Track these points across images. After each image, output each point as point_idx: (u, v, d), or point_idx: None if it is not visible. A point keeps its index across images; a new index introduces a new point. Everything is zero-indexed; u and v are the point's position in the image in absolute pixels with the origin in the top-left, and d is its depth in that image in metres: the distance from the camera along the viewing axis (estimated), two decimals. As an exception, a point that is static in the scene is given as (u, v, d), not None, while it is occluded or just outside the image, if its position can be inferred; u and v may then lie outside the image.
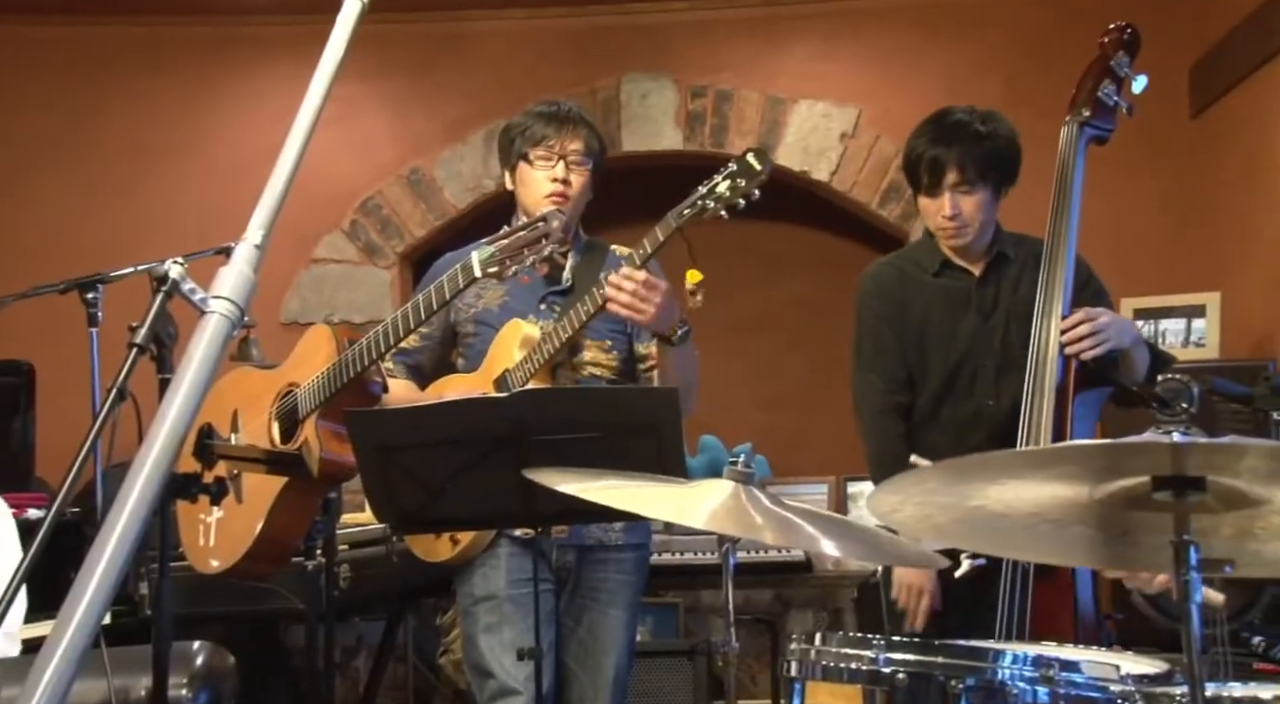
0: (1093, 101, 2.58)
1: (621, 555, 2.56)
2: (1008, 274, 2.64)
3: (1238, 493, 1.17)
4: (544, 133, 2.55)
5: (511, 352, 2.48)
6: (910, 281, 2.70)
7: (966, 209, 2.58)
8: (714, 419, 4.36)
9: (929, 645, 1.49)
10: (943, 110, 2.67)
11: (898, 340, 2.66)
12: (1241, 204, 4.03)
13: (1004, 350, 2.58)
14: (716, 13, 4.73)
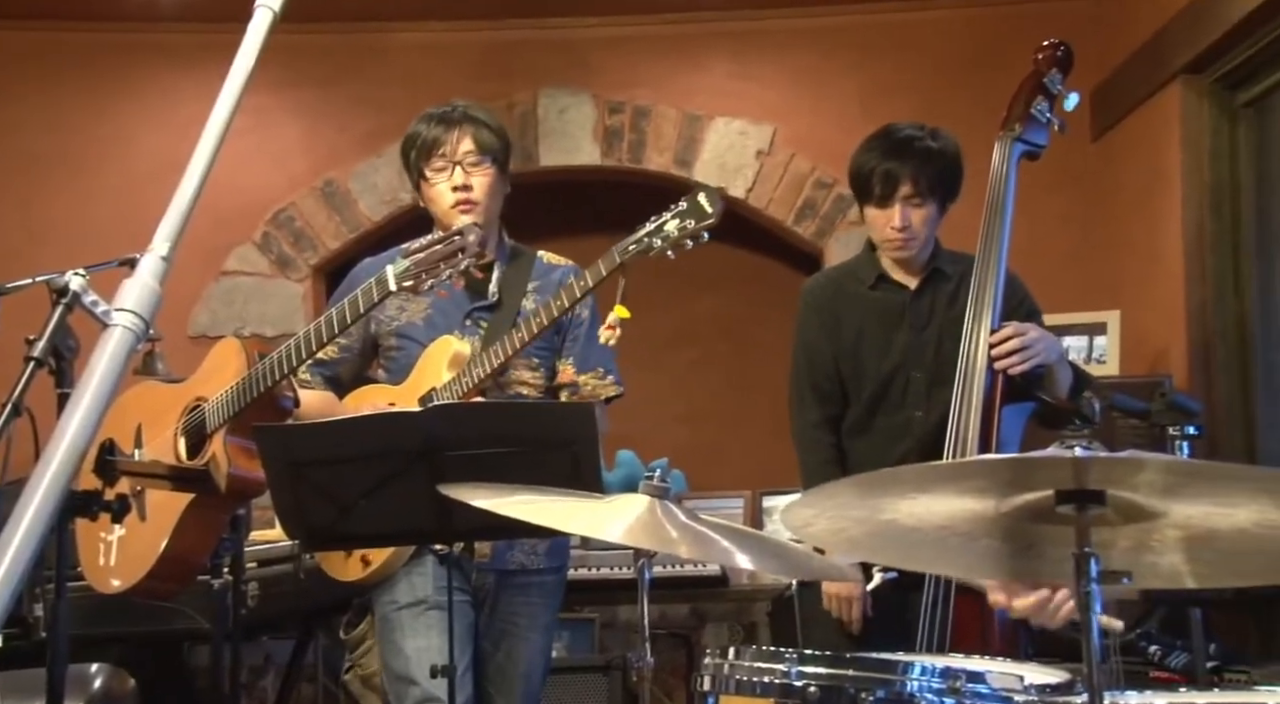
0: (1026, 117, 2.64)
1: (543, 579, 2.55)
2: (943, 289, 2.69)
3: (1135, 506, 1.20)
4: (433, 138, 2.49)
5: (440, 369, 2.44)
6: (846, 294, 2.74)
7: (915, 221, 2.63)
8: (632, 434, 4.36)
9: (840, 659, 1.50)
10: (890, 126, 2.72)
11: (832, 352, 2.70)
12: (1139, 225, 4.16)
13: (937, 364, 2.63)
14: (633, 29, 4.76)
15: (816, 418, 2.71)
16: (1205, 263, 3.80)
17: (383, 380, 2.59)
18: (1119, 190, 4.33)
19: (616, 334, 2.26)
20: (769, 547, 1.76)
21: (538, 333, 2.34)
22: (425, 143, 2.50)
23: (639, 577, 1.78)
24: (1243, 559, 1.26)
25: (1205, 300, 3.80)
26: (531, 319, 2.35)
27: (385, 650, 2.46)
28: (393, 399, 2.47)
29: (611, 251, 2.28)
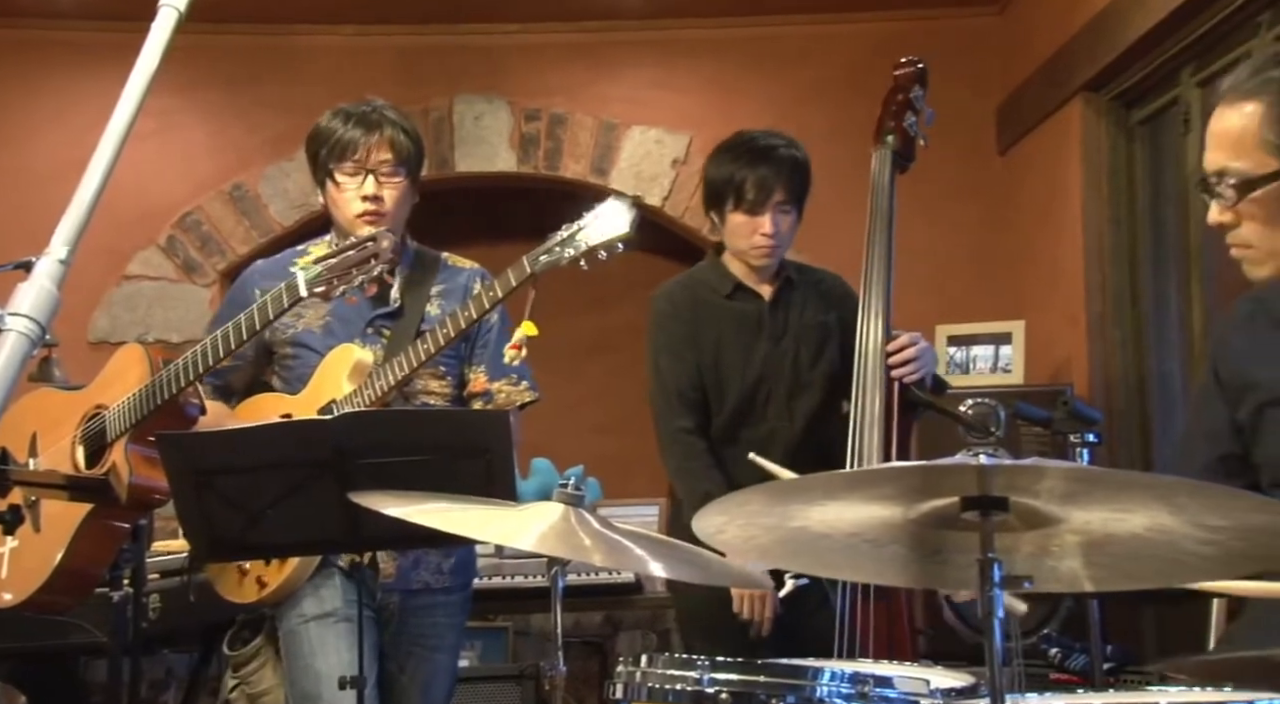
0: (901, 132, 2.71)
1: (450, 597, 2.49)
2: (795, 299, 2.74)
3: (1037, 512, 1.23)
4: (350, 140, 2.39)
5: (340, 380, 2.36)
6: (703, 304, 2.75)
7: (784, 228, 2.68)
8: (549, 442, 4.35)
9: (751, 665, 1.52)
10: (743, 134, 2.76)
11: (695, 361, 2.70)
12: (1042, 238, 4.27)
13: (794, 373, 2.67)
14: (550, 36, 4.75)
15: (688, 424, 2.69)
16: (1104, 274, 3.92)
17: (278, 389, 2.50)
18: (1024, 203, 4.44)
19: (522, 354, 2.19)
20: (682, 554, 1.76)
21: (444, 345, 2.27)
22: (340, 143, 2.40)
23: (552, 585, 1.78)
24: (1137, 563, 1.30)
25: (1104, 311, 3.92)
26: (438, 330, 2.27)
27: (291, 667, 2.36)
28: (290, 410, 2.38)
29: (522, 261, 2.21)
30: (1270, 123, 1.57)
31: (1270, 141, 1.57)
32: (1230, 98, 1.61)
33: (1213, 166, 1.62)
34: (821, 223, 2.92)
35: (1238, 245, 1.64)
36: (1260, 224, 1.60)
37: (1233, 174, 1.58)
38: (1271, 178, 1.56)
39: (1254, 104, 1.58)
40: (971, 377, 4.05)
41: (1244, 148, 1.58)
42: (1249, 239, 1.62)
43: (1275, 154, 1.57)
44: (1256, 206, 1.58)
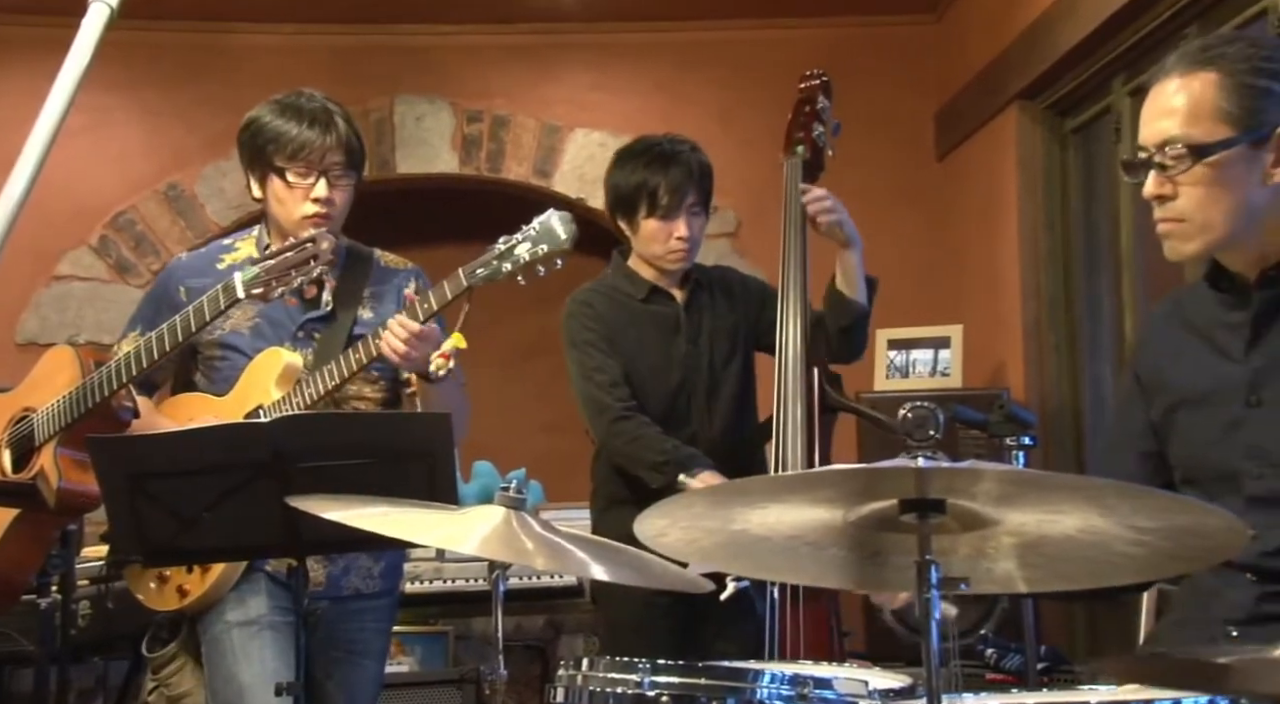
0: (811, 142, 2.76)
1: (378, 603, 2.45)
2: (705, 299, 2.77)
3: (974, 515, 1.25)
4: (304, 140, 2.32)
5: (268, 384, 2.31)
6: (621, 308, 2.76)
7: (696, 232, 2.71)
8: (492, 444, 4.33)
9: (692, 668, 1.52)
10: (646, 140, 2.77)
11: (619, 364, 2.71)
12: (980, 243, 4.34)
13: (710, 374, 2.70)
14: (492, 38, 4.74)
15: (629, 405, 2.65)
16: (1040, 280, 3.99)
17: (202, 388, 2.42)
18: (962, 209, 4.50)
19: (450, 365, 2.18)
20: (624, 557, 1.76)
21: (375, 357, 2.23)
22: (294, 142, 2.33)
23: (494, 589, 1.77)
24: (1070, 564, 1.32)
25: (1039, 316, 3.98)
26: (370, 341, 2.23)
27: (213, 676, 2.29)
28: (215, 412, 2.32)
29: (458, 274, 2.19)
30: (1227, 92, 1.57)
31: (1225, 110, 1.56)
32: (1179, 70, 1.60)
33: (1156, 138, 1.60)
34: (764, 229, 2.94)
35: (1170, 219, 1.62)
36: (1201, 195, 1.58)
37: (1184, 140, 1.57)
38: (1224, 146, 1.56)
39: (1210, 73, 1.58)
40: (911, 380, 4.09)
41: (1198, 116, 1.57)
42: (1184, 212, 1.60)
43: (1229, 122, 1.56)
44: (1200, 176, 1.57)
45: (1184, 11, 3.15)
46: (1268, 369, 1.62)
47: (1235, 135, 1.56)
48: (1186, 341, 1.73)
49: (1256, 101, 1.56)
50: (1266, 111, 1.56)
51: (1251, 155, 1.57)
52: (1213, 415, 1.66)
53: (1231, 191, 1.58)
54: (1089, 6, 3.40)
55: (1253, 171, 1.57)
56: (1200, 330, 1.72)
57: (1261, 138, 1.56)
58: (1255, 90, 1.56)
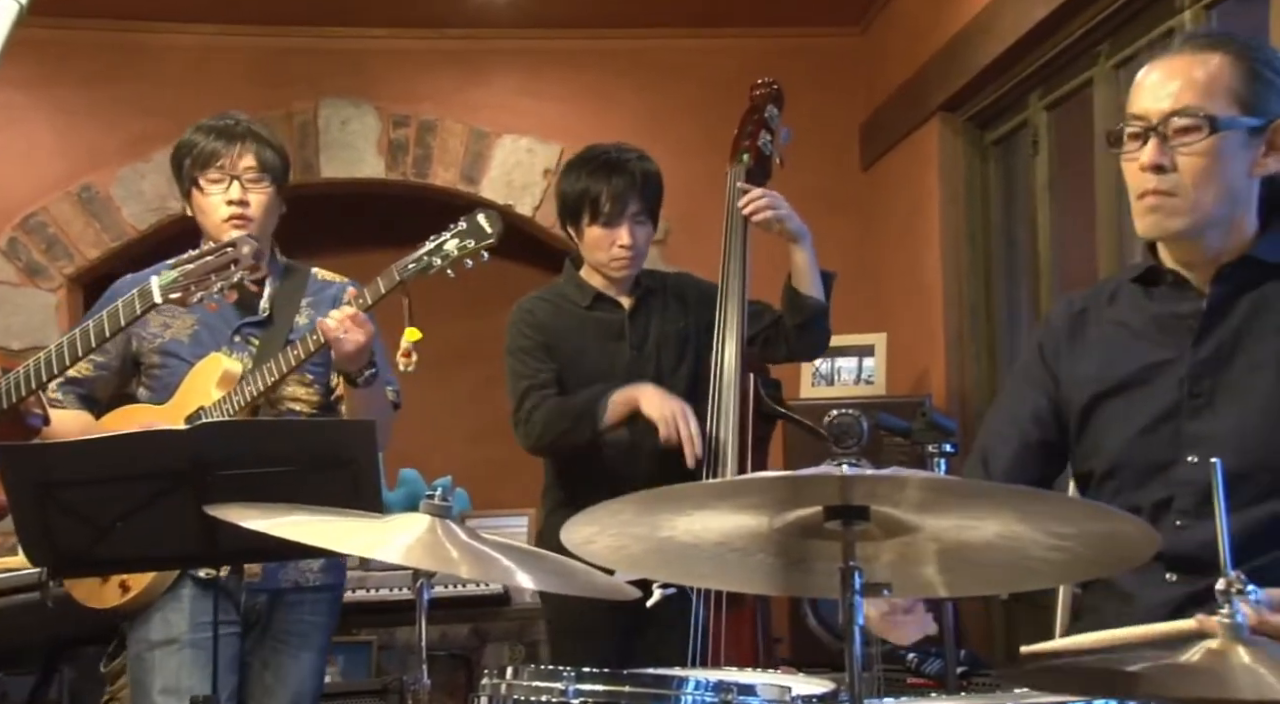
0: (755, 151, 2.78)
1: (318, 596, 2.47)
2: (655, 306, 2.78)
3: (896, 521, 1.26)
4: (212, 150, 2.41)
5: (209, 388, 2.35)
6: (564, 315, 2.77)
7: (640, 240, 2.71)
8: (419, 452, 4.29)
9: (616, 675, 1.52)
10: (595, 149, 2.78)
11: (553, 367, 2.71)
12: (904, 252, 4.40)
13: (657, 379, 2.70)
14: (418, 42, 4.70)
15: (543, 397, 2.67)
16: (961, 289, 4.06)
17: (144, 400, 2.46)
18: (886, 218, 4.57)
19: (413, 361, 2.25)
20: (550, 565, 1.76)
21: (314, 351, 2.29)
22: (203, 153, 2.42)
23: (418, 597, 1.75)
24: (989, 569, 1.35)
25: (961, 324, 4.06)
26: (309, 337, 2.30)
27: (136, 696, 2.31)
28: (157, 419, 2.35)
29: (391, 270, 2.28)
30: (1239, 74, 1.59)
31: (1236, 90, 1.58)
32: (1190, 49, 1.61)
33: (1167, 105, 1.59)
34: (693, 236, 2.96)
35: (1160, 192, 1.61)
36: (1201, 169, 1.59)
37: (1201, 109, 1.57)
38: (1234, 123, 1.58)
39: (1222, 55, 1.60)
40: (836, 388, 4.14)
41: (1214, 90, 1.58)
42: (1179, 185, 1.60)
43: (1238, 103, 1.58)
44: (1206, 149, 1.58)
45: (1096, 30, 3.23)
46: (1211, 361, 1.65)
47: (1243, 116, 1.59)
48: (1113, 335, 1.76)
49: (1263, 89, 1.60)
50: (1269, 101, 1.60)
51: (1250, 141, 1.60)
52: (1147, 405, 1.69)
53: (1226, 173, 1.60)
54: (1006, 23, 3.47)
55: (1246, 158, 1.61)
56: (1129, 324, 1.75)
57: (1260, 126, 1.60)
58: (1262, 79, 1.60)
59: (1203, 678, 1.12)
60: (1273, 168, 1.63)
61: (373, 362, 2.35)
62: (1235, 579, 1.16)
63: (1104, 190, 3.24)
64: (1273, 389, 1.61)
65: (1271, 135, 1.60)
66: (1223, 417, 1.63)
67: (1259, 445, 1.60)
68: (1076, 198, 3.54)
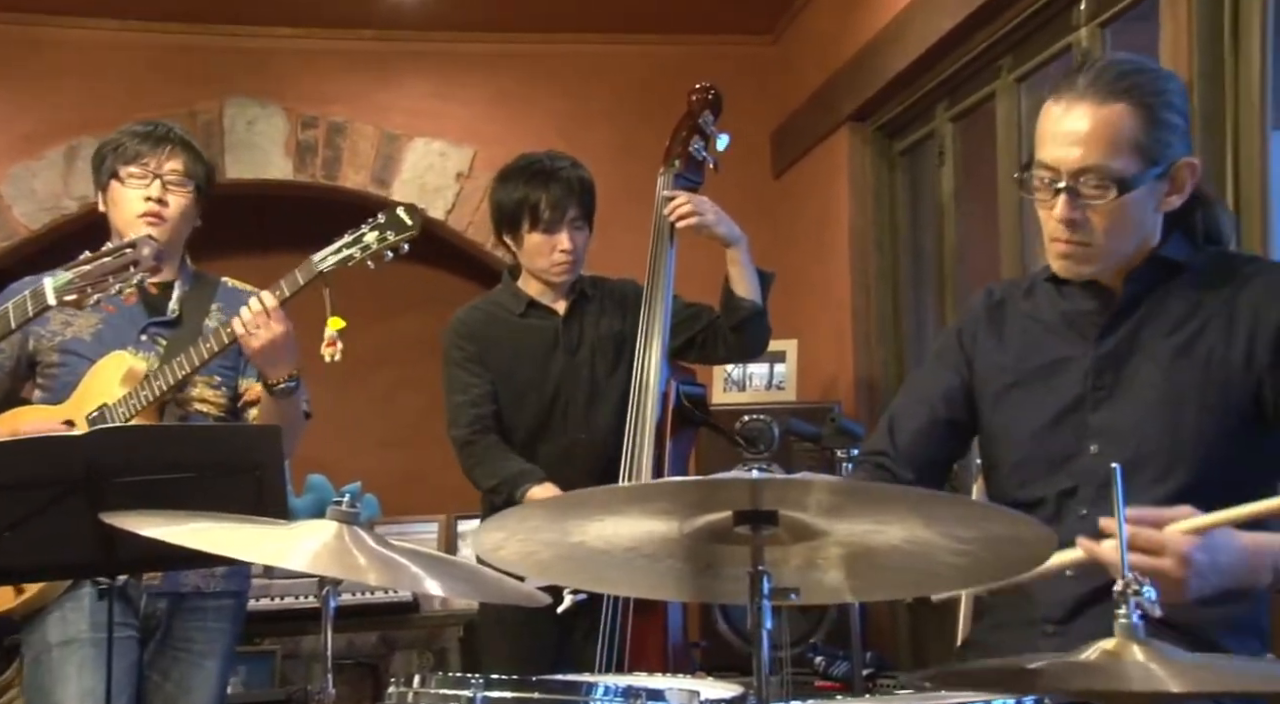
0: (685, 156, 2.80)
1: (220, 602, 2.42)
2: (590, 310, 2.80)
3: (804, 526, 1.28)
4: (139, 150, 2.40)
5: (112, 386, 2.29)
6: (498, 323, 2.78)
7: (579, 245, 2.74)
8: (328, 458, 4.23)
9: (525, 682, 1.51)
10: (528, 157, 2.80)
11: (488, 378, 2.73)
12: (814, 259, 4.46)
13: (591, 384, 2.72)
14: (327, 43, 4.63)
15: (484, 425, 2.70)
16: (870, 297, 4.12)
17: (39, 401, 2.39)
18: (797, 225, 4.62)
19: (339, 349, 2.24)
20: (460, 571, 1.74)
21: (227, 344, 2.27)
22: (129, 150, 2.40)
23: (324, 605, 1.72)
24: (895, 574, 1.37)
25: (870, 331, 4.12)
26: (221, 330, 2.28)
27: (33, 694, 2.25)
28: (50, 418, 2.29)
29: (310, 260, 2.28)
30: (1141, 124, 1.61)
31: (1139, 142, 1.61)
32: (1094, 98, 1.62)
33: (1073, 164, 1.62)
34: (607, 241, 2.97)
35: (1074, 242, 1.65)
36: (1112, 224, 1.63)
37: (1109, 173, 1.60)
38: (1141, 179, 1.61)
39: (1125, 105, 1.61)
40: (748, 393, 4.17)
41: (1118, 147, 1.60)
42: (1090, 238, 1.64)
43: (1141, 155, 1.61)
44: (1116, 206, 1.61)
45: (998, 44, 3.31)
46: (1113, 355, 1.71)
47: (1148, 168, 1.62)
48: (1027, 328, 1.81)
49: (1164, 135, 1.63)
50: (1172, 145, 1.64)
51: (1155, 186, 1.65)
52: (1054, 397, 1.74)
53: (1137, 220, 1.65)
54: (913, 35, 3.54)
55: (1152, 202, 1.65)
56: (1041, 319, 1.80)
57: (1165, 170, 1.64)
58: (1164, 123, 1.63)
59: (1100, 674, 1.15)
60: (1176, 204, 1.68)
61: (294, 375, 2.32)
62: (1132, 580, 1.19)
63: (1006, 201, 3.32)
64: (1166, 381, 1.66)
65: (1174, 173, 1.65)
66: (1122, 408, 1.68)
67: (1155, 434, 1.65)
68: (981, 208, 3.62)
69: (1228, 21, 2.43)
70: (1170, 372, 1.66)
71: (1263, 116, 2.37)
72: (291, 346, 2.28)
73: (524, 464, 2.64)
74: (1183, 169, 1.65)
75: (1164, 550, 1.42)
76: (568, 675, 1.76)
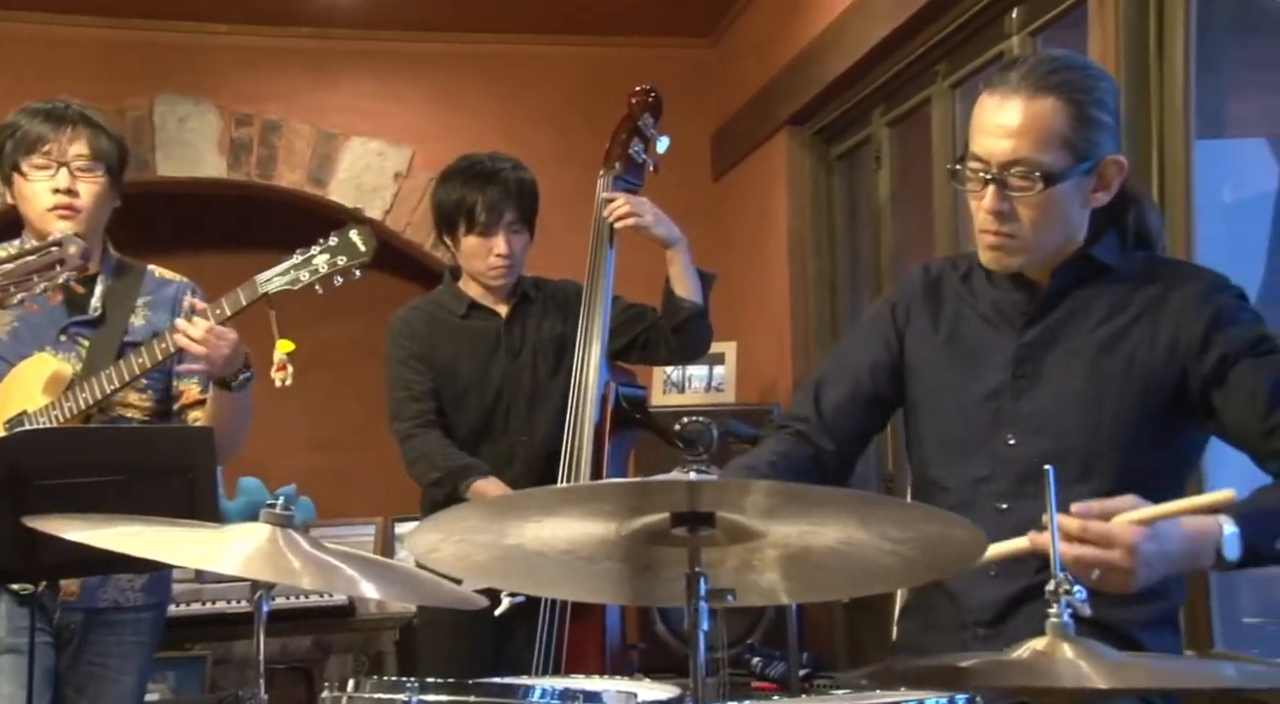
0: (625, 158, 2.80)
1: (139, 615, 2.35)
2: (532, 312, 2.79)
3: (741, 527, 1.28)
4: (38, 135, 2.26)
5: (33, 391, 2.20)
6: (439, 324, 2.77)
7: (517, 249, 2.73)
8: (263, 461, 4.16)
9: (462, 685, 1.50)
10: (470, 158, 2.79)
11: (430, 377, 2.72)
12: (753, 262, 4.49)
13: (534, 385, 2.72)
14: (261, 39, 4.57)
15: (429, 420, 2.70)
16: (808, 299, 4.16)
17: None
18: (736, 228, 4.64)
19: (289, 373, 2.18)
20: (396, 574, 1.73)
21: (162, 360, 2.21)
22: (27, 137, 2.26)
23: (256, 609, 1.70)
24: (830, 574, 1.38)
25: (808, 334, 4.15)
26: (154, 344, 2.20)
27: None
28: None
29: (253, 281, 2.21)
30: (1070, 120, 1.62)
31: (1068, 137, 1.62)
32: (1025, 92, 1.63)
33: (1003, 156, 1.63)
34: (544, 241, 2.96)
35: (1000, 233, 1.67)
36: (1039, 216, 1.65)
37: (1036, 165, 1.62)
38: (1069, 173, 1.63)
39: (1055, 100, 1.63)
40: (687, 395, 4.19)
41: (1047, 141, 1.62)
42: (1017, 230, 1.66)
43: (1070, 150, 1.63)
44: (1043, 199, 1.63)
45: (934, 50, 3.35)
46: (1035, 345, 1.73)
47: (1076, 163, 1.64)
48: (958, 311, 1.82)
49: (1092, 131, 1.65)
50: (1098, 142, 1.66)
51: (1083, 181, 1.67)
52: (978, 383, 1.76)
53: (1063, 214, 1.67)
54: (851, 40, 3.58)
55: (1079, 195, 1.68)
56: (973, 304, 1.81)
57: (1092, 166, 1.66)
58: (1091, 120, 1.65)
59: (1031, 671, 1.17)
60: (1103, 200, 1.70)
61: (248, 365, 2.28)
62: (1063, 580, 1.21)
63: (941, 205, 3.36)
64: (1086, 375, 1.69)
65: (1102, 170, 1.67)
66: (1040, 400, 1.71)
67: (1071, 430, 1.68)
68: (917, 211, 3.67)
69: (1153, 32, 2.48)
70: (1092, 366, 1.69)
71: (1187, 125, 2.43)
72: (240, 350, 2.24)
73: (469, 458, 2.63)
74: (1110, 166, 1.68)
75: (1114, 542, 1.44)
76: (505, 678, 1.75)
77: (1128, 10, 2.49)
